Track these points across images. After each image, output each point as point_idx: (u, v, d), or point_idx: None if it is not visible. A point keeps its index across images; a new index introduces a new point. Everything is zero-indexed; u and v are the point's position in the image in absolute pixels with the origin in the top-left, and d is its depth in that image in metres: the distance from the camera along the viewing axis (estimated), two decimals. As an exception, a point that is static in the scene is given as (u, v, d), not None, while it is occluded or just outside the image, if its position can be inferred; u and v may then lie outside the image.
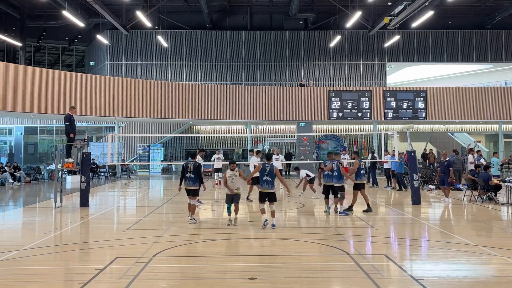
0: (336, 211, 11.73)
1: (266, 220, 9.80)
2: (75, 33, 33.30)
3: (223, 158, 20.19)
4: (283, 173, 22.80)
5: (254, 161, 15.44)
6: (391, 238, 9.19)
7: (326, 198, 11.87)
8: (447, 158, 14.21)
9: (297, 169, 15.73)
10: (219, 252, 7.84)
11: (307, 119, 26.58)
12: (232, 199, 10.13)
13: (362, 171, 12.20)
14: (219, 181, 18.69)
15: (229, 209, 10.18)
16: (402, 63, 33.09)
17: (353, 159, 12.96)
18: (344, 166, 15.62)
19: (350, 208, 12.00)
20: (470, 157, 18.38)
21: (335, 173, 11.57)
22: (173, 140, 30.81)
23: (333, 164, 11.66)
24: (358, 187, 12.04)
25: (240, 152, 29.19)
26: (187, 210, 10.59)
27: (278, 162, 16.52)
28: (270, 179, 9.75)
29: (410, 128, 27.61)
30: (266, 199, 9.86)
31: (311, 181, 15.40)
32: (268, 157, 10.32)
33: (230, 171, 10.11)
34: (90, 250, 8.14)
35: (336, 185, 11.59)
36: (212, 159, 18.73)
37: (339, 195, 11.75)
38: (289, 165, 26.71)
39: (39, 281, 6.21)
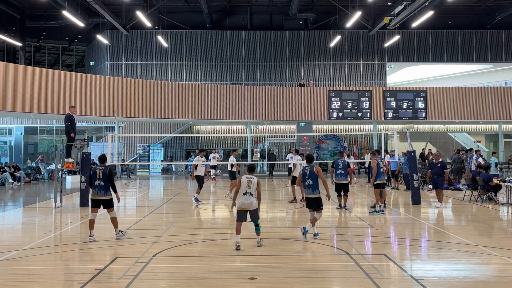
0: (344, 207, 12.55)
1: (317, 234, 8.69)
2: (75, 33, 33.31)
3: (218, 157, 21.55)
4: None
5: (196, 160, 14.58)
6: (391, 238, 9.18)
7: (339, 195, 12.74)
8: (440, 160, 13.63)
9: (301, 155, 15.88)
10: (219, 252, 7.83)
11: (307, 119, 26.58)
12: (246, 216, 8.08)
13: (381, 170, 12.26)
14: (214, 177, 20.75)
15: (257, 226, 8.11)
16: (402, 63, 33.09)
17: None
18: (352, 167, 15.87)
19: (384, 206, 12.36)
20: (475, 157, 18.29)
21: (342, 171, 12.60)
22: (173, 140, 30.81)
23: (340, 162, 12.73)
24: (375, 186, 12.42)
25: (240, 152, 29.18)
26: (113, 223, 8.85)
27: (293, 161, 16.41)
28: (311, 182, 8.73)
29: (410, 128, 27.63)
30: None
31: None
32: (309, 159, 9.11)
33: (245, 177, 8.23)
34: (90, 250, 8.13)
35: (343, 182, 12.63)
36: (209, 159, 19.63)
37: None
38: (272, 166, 26.95)
39: (39, 281, 6.21)
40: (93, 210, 8.84)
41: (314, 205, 8.79)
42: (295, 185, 13.97)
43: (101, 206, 8.82)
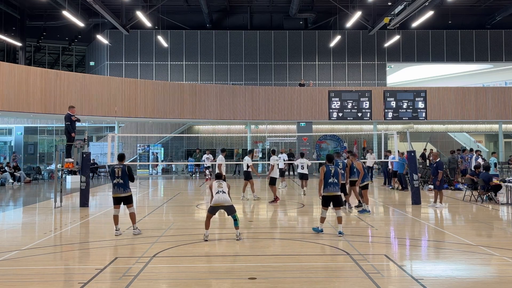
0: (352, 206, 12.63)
1: (322, 230, 9.14)
2: (75, 33, 33.31)
3: (212, 158, 22.53)
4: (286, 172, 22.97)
5: (220, 160, 15.59)
6: (391, 238, 9.19)
7: (346, 195, 12.71)
8: (437, 160, 13.50)
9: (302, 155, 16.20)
10: (219, 252, 7.83)
11: (307, 119, 26.58)
12: (216, 211, 8.77)
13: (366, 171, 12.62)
14: (209, 177, 21.60)
15: (235, 221, 8.70)
16: (402, 63, 33.08)
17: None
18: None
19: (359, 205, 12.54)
20: (475, 157, 18.31)
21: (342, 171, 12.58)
22: (173, 140, 30.80)
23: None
24: (352, 183, 12.67)
25: (240, 152, 29.20)
26: (131, 219, 9.34)
27: (280, 161, 16.57)
28: (336, 180, 9.04)
29: (410, 128, 27.63)
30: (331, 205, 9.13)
31: (303, 177, 15.74)
32: (331, 158, 9.46)
33: (216, 182, 8.82)
34: (90, 250, 8.14)
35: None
36: (202, 159, 21.49)
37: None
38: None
39: (39, 281, 6.21)
40: (115, 207, 9.32)
41: (339, 202, 9.14)
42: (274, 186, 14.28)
43: (122, 203, 9.31)
